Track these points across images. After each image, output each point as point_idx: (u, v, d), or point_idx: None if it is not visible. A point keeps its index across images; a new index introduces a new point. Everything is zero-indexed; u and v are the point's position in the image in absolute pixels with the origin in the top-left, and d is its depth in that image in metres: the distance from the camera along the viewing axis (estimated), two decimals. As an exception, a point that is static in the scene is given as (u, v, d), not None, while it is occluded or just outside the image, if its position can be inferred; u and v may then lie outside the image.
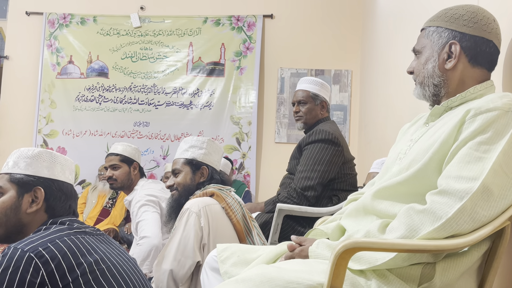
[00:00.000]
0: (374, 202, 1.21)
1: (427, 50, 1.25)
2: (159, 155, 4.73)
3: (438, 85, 1.23)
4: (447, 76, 1.22)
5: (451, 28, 1.20)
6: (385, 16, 3.37)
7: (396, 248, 0.96)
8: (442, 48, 1.21)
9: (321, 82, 2.57)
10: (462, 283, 1.04)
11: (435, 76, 1.22)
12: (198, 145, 2.08)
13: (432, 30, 1.24)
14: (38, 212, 1.34)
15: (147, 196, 2.48)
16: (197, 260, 1.82)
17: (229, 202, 1.94)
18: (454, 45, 1.20)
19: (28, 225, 1.34)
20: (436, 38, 1.23)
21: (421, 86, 1.27)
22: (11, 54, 4.98)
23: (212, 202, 1.91)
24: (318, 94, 2.52)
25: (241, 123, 4.63)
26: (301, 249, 1.21)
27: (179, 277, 1.81)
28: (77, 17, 4.88)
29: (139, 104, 4.77)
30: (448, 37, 1.21)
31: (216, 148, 2.13)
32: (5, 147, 4.89)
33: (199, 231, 1.82)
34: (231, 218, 1.92)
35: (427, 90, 1.25)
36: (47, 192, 1.34)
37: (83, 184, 4.76)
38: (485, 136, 1.03)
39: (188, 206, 1.87)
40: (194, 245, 1.81)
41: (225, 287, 1.05)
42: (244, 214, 1.97)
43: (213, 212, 1.87)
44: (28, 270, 1.12)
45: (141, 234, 2.32)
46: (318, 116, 2.54)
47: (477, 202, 0.97)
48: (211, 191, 1.96)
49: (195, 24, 4.76)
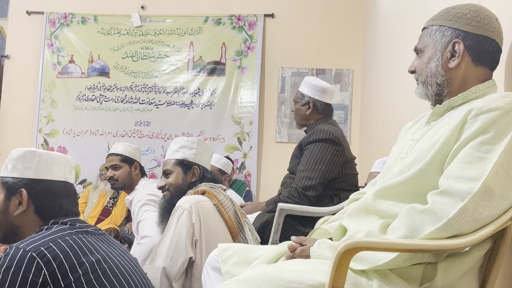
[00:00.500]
0: (375, 202, 1.21)
1: (429, 49, 1.24)
2: (160, 155, 4.73)
3: (441, 84, 1.22)
4: (450, 75, 1.21)
5: (454, 26, 1.20)
6: (387, 15, 3.36)
7: (398, 248, 0.96)
8: (445, 47, 1.21)
9: (309, 82, 2.50)
10: (463, 283, 1.04)
11: (438, 75, 1.22)
12: (189, 146, 2.09)
13: (435, 29, 1.23)
14: (26, 214, 1.32)
15: (148, 195, 2.48)
16: (190, 256, 1.84)
17: (221, 199, 1.96)
18: (458, 44, 1.19)
19: (22, 227, 1.33)
20: (439, 37, 1.22)
21: (423, 85, 1.25)
22: (12, 54, 4.98)
23: (204, 199, 1.94)
24: (304, 94, 2.50)
25: (242, 123, 4.63)
26: (302, 249, 1.20)
27: (172, 274, 1.83)
28: (78, 17, 4.88)
29: (140, 103, 4.77)
30: (452, 36, 1.20)
31: (206, 148, 2.15)
32: (6, 146, 4.89)
33: (190, 227, 1.84)
34: (222, 214, 1.94)
35: (430, 89, 1.24)
36: (31, 193, 1.32)
37: (84, 183, 4.77)
38: (486, 136, 1.03)
39: (180, 204, 1.90)
40: (186, 241, 1.83)
41: (226, 286, 1.05)
42: (236, 211, 2.00)
43: (205, 209, 1.90)
44: (30, 270, 1.12)
45: (142, 234, 2.32)
46: (306, 117, 2.49)
47: (479, 202, 0.97)
48: (202, 189, 1.98)
49: (196, 24, 4.76)
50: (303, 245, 1.22)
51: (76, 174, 4.78)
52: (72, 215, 1.37)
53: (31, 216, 1.33)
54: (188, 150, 2.09)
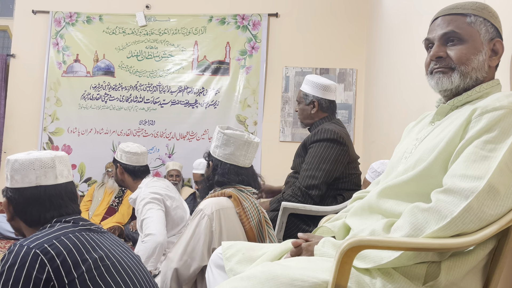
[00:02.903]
0: (379, 201, 1.20)
1: (475, 40, 1.17)
2: (165, 154, 4.74)
3: (478, 80, 1.18)
4: (488, 72, 1.19)
5: (495, 24, 1.20)
6: (391, 14, 3.36)
7: (402, 247, 0.96)
8: (488, 43, 1.18)
9: (312, 81, 2.49)
10: (467, 282, 1.04)
11: (483, 70, 1.17)
12: (214, 137, 1.97)
13: (480, 21, 1.18)
14: (15, 220, 1.38)
15: (151, 194, 2.48)
16: (204, 264, 1.77)
17: (245, 206, 1.86)
18: (499, 43, 1.19)
19: (22, 229, 1.39)
20: (484, 31, 1.18)
21: (463, 75, 1.16)
22: (18, 53, 5.01)
23: (227, 205, 1.85)
24: (307, 94, 2.49)
25: (247, 123, 4.64)
26: (308, 244, 1.21)
27: (183, 278, 1.79)
28: (83, 16, 4.90)
29: (144, 102, 4.79)
30: (493, 34, 1.19)
31: (229, 140, 1.93)
32: (12, 144, 4.92)
33: (209, 234, 1.78)
34: (244, 224, 1.85)
35: (465, 82, 1.16)
36: (10, 202, 1.36)
37: (89, 182, 4.79)
38: (491, 135, 1.02)
39: (202, 207, 1.82)
40: (204, 248, 1.77)
41: (230, 284, 1.05)
42: (261, 219, 1.90)
43: (227, 217, 1.82)
44: (34, 267, 1.13)
45: (146, 232, 2.32)
46: (312, 116, 2.48)
47: (483, 201, 0.97)
48: (229, 193, 1.87)
49: (200, 23, 4.77)
50: (309, 241, 1.22)
51: (81, 172, 4.80)
52: (69, 215, 1.35)
53: (19, 221, 1.37)
54: (213, 143, 1.98)
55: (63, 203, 1.35)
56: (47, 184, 1.33)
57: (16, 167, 1.32)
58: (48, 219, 1.32)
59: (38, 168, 1.33)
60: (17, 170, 1.32)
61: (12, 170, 1.33)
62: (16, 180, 1.32)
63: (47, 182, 1.34)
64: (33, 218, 1.33)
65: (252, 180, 1.99)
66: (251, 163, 2.01)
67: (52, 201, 1.33)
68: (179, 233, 2.56)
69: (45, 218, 1.32)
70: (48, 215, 1.32)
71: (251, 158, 1.98)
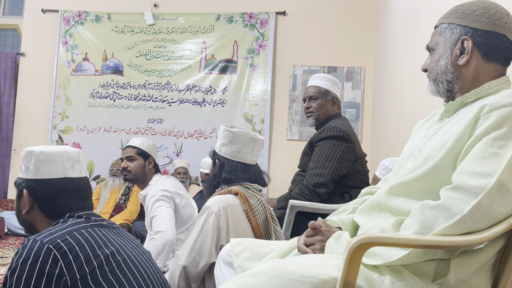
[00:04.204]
0: (388, 199, 1.20)
1: (440, 47, 1.26)
2: (173, 152, 4.77)
3: (451, 81, 1.24)
4: (460, 72, 1.22)
5: (463, 24, 1.20)
6: (399, 13, 3.34)
7: (411, 244, 0.96)
8: (455, 44, 1.22)
9: (332, 79, 2.57)
10: (476, 280, 1.03)
11: (448, 72, 1.23)
12: (220, 135, 1.98)
13: (445, 27, 1.25)
14: (33, 212, 1.36)
15: (161, 191, 2.50)
16: (212, 261, 1.77)
17: (252, 203, 1.87)
18: (466, 41, 1.20)
19: (35, 223, 1.38)
20: (448, 35, 1.23)
21: (434, 82, 1.28)
22: (27, 51, 5.05)
23: (234, 202, 1.86)
24: (329, 90, 2.52)
25: (254, 121, 4.65)
26: (327, 229, 1.24)
27: (191, 275, 1.80)
28: (92, 15, 4.94)
29: (153, 101, 4.81)
30: (460, 33, 1.21)
31: (235, 137, 1.94)
32: (22, 142, 4.97)
33: (216, 232, 1.79)
34: (251, 221, 1.86)
35: (440, 87, 1.26)
36: (32, 194, 1.36)
37: (98, 179, 4.82)
38: (500, 131, 1.02)
39: (209, 204, 1.83)
40: (211, 245, 1.78)
41: (239, 280, 1.05)
42: (267, 217, 1.91)
43: (233, 214, 1.82)
44: (47, 261, 1.14)
45: (155, 229, 2.34)
46: (330, 112, 2.53)
47: (493, 199, 0.96)
48: (236, 190, 1.88)
49: (208, 22, 4.78)
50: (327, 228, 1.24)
51: (89, 170, 4.84)
52: (81, 209, 1.37)
53: (38, 214, 1.37)
54: (218, 141, 1.99)
55: (85, 196, 1.40)
56: (74, 177, 1.38)
57: (42, 159, 1.35)
58: (73, 210, 1.35)
59: (66, 161, 1.37)
60: (44, 162, 1.34)
61: (37, 161, 1.34)
62: (43, 172, 1.34)
63: (73, 174, 1.38)
64: (59, 209, 1.34)
65: (258, 177, 2.01)
66: (257, 160, 2.02)
67: (79, 193, 1.37)
68: (187, 230, 2.57)
69: (71, 210, 1.35)
70: (74, 207, 1.35)
71: (256, 155, 2.00)
